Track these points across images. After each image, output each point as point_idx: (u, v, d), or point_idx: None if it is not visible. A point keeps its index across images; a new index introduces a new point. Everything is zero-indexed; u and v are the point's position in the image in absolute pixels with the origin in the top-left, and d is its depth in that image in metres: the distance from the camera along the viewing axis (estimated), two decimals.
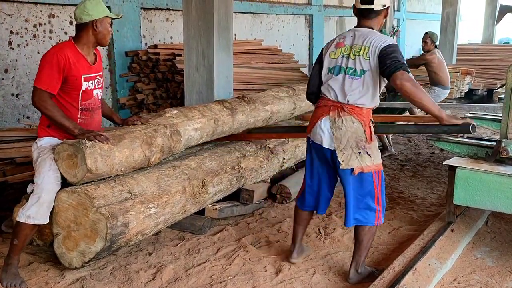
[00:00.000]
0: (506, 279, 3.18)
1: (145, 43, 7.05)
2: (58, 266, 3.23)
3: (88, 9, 3.10)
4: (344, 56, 3.02)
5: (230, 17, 4.72)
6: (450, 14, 11.37)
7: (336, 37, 3.18)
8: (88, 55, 3.19)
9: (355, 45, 3.00)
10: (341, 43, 3.07)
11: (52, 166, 3.06)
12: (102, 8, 3.15)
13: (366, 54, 2.94)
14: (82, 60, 3.14)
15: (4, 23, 5.44)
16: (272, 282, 3.17)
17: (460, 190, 3.45)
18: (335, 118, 2.97)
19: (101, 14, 3.12)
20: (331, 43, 3.16)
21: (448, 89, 6.94)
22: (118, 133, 3.23)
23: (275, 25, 9.99)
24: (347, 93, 2.96)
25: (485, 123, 4.42)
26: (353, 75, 2.96)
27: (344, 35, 3.11)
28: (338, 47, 3.07)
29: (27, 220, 3.01)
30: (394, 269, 3.09)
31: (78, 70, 3.10)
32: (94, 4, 3.12)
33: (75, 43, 3.15)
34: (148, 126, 3.41)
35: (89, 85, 3.19)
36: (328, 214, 4.28)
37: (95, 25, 3.11)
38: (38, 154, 3.11)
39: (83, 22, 3.11)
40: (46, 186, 3.04)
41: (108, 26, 3.18)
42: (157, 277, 3.20)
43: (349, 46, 3.03)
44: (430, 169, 5.74)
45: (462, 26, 14.35)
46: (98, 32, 3.14)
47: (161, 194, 3.34)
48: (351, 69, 2.98)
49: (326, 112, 3.01)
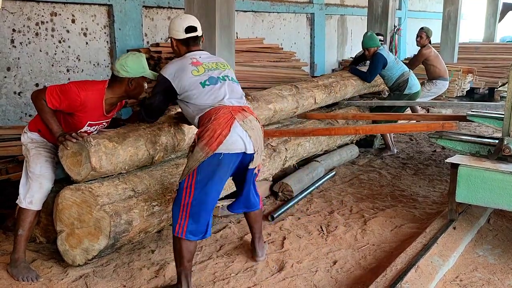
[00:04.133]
0: (508, 277, 3.19)
1: (147, 41, 7.06)
2: (61, 263, 3.24)
3: (128, 66, 3.11)
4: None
5: (232, 15, 4.73)
6: (452, 13, 11.36)
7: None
8: (110, 105, 3.20)
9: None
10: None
11: (49, 158, 3.17)
12: (142, 66, 3.15)
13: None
14: (98, 110, 3.15)
15: (6, 21, 5.44)
16: (274, 279, 3.18)
17: (462, 187, 3.46)
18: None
19: (139, 74, 3.14)
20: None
21: (448, 80, 7.06)
22: (122, 131, 3.24)
23: (276, 24, 9.99)
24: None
25: (487, 121, 4.42)
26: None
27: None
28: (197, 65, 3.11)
29: (28, 206, 3.10)
30: (396, 267, 3.10)
31: (87, 116, 3.12)
32: (136, 62, 3.12)
33: (107, 89, 3.14)
34: (152, 125, 3.42)
35: (89, 129, 3.23)
36: (330, 212, 4.29)
37: (130, 82, 3.13)
38: (33, 146, 3.17)
39: (120, 76, 3.13)
40: (46, 174, 3.15)
41: (144, 84, 3.19)
42: (160, 275, 3.21)
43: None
44: (432, 167, 5.74)
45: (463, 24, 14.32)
46: (132, 89, 3.16)
47: (165, 192, 3.35)
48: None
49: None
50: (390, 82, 6.20)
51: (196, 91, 2.99)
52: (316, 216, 4.21)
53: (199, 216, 2.88)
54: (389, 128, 5.38)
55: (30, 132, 3.22)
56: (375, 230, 3.92)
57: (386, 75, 6.20)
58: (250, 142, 2.94)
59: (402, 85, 6.10)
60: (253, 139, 2.95)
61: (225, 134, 2.83)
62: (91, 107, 3.08)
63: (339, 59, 12.24)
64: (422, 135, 7.21)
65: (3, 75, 5.47)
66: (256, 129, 3.00)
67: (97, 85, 3.15)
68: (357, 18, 12.67)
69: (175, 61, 3.14)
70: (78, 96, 3.02)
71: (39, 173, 3.13)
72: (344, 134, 5.54)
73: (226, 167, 2.91)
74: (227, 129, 2.85)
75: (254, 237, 3.44)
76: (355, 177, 5.36)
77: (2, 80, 5.48)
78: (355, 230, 3.92)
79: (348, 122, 5.77)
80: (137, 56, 3.17)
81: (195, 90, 2.99)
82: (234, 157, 2.92)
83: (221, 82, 3.06)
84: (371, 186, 5.06)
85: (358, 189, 4.95)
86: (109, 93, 3.15)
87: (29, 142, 3.21)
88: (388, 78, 6.19)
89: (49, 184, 3.17)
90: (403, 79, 6.11)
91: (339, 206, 4.47)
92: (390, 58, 6.18)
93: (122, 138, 3.16)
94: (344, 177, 5.37)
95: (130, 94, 3.20)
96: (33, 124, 3.24)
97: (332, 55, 12.02)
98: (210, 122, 2.86)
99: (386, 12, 8.64)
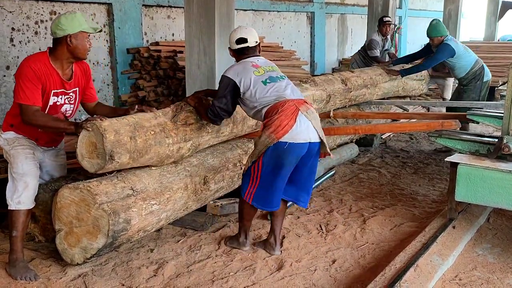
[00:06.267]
0: (507, 276, 3.18)
1: (146, 40, 7.06)
2: (60, 262, 3.24)
3: (63, 24, 3.06)
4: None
5: (232, 14, 4.72)
6: (452, 12, 11.36)
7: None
8: (62, 70, 3.16)
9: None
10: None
11: (28, 155, 3.16)
12: (78, 22, 3.09)
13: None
14: (54, 75, 3.11)
15: (5, 20, 5.44)
16: (273, 278, 3.18)
17: (461, 186, 3.45)
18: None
19: (76, 29, 3.07)
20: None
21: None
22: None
23: (276, 23, 9.99)
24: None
25: (487, 120, 4.41)
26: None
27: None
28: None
29: (17, 206, 3.09)
30: (395, 266, 3.09)
31: (49, 84, 3.09)
32: (69, 19, 3.08)
33: (50, 56, 3.12)
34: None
35: (58, 100, 3.19)
36: (330, 211, 4.29)
37: (69, 40, 3.07)
38: (10, 146, 3.16)
39: (58, 37, 3.08)
40: (29, 171, 3.14)
41: (85, 41, 3.12)
42: (159, 273, 3.21)
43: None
44: (431, 166, 5.74)
45: (464, 23, 14.32)
46: (73, 47, 3.09)
47: (163, 191, 3.35)
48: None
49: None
50: (463, 72, 5.82)
51: (259, 89, 3.34)
52: (316, 215, 4.20)
53: (264, 192, 3.30)
54: (389, 127, 5.37)
55: (3, 134, 3.20)
56: (374, 229, 3.92)
57: (457, 65, 5.81)
58: (315, 131, 3.25)
59: (480, 73, 5.78)
60: (317, 128, 3.26)
61: (291, 124, 3.15)
62: (45, 72, 3.05)
63: (339, 58, 12.24)
64: (422, 134, 7.21)
65: (2, 73, 5.47)
66: (317, 119, 3.32)
67: (37, 54, 3.18)
68: (357, 16, 12.67)
69: (236, 64, 3.51)
70: (31, 68, 3.00)
71: (22, 172, 3.12)
72: (344, 134, 5.52)
73: (291, 156, 3.20)
74: (293, 119, 3.17)
75: (275, 230, 3.53)
76: (355, 176, 5.36)
77: (1, 79, 5.48)
78: (354, 229, 3.92)
79: (348, 121, 5.77)
80: (71, 13, 3.14)
81: (258, 88, 3.34)
82: (299, 147, 3.19)
83: (280, 80, 3.42)
84: (371, 185, 5.05)
85: (358, 188, 4.94)
86: (54, 58, 3.11)
87: (6, 144, 3.19)
88: (461, 67, 5.81)
89: (34, 181, 3.16)
90: (479, 66, 5.79)
91: (339, 205, 4.46)
92: (458, 47, 5.81)
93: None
94: (344, 176, 5.36)
95: (74, 54, 3.11)
96: (4, 124, 3.23)
97: (332, 54, 12.01)
98: (277, 113, 3.20)
99: (386, 10, 8.64)
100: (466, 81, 5.88)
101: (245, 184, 3.37)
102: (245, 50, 3.50)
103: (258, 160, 3.24)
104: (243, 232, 3.54)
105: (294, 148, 3.17)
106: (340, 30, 12.24)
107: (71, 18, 3.08)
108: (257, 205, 3.37)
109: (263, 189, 3.29)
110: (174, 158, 3.48)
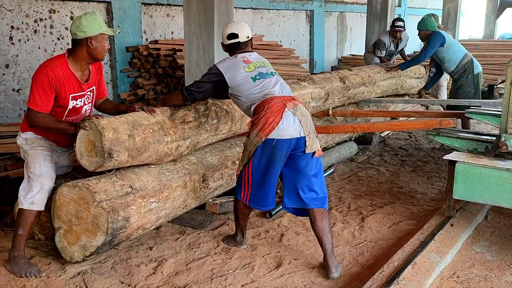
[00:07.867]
0: (505, 273, 3.19)
1: (145, 38, 7.07)
2: (59, 260, 3.25)
3: (84, 25, 3.05)
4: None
5: (231, 12, 4.72)
6: (451, 10, 11.35)
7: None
8: (80, 72, 3.16)
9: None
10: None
11: (47, 157, 3.16)
12: (98, 24, 3.09)
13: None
14: (72, 79, 3.12)
15: (5, 18, 5.44)
16: (272, 276, 3.19)
17: (459, 184, 3.46)
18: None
19: (97, 31, 3.08)
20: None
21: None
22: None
23: (275, 21, 9.99)
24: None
25: (485, 118, 4.42)
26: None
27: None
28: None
29: (30, 206, 3.09)
30: (393, 263, 3.11)
31: (66, 90, 3.10)
32: (90, 20, 3.07)
33: (69, 58, 3.12)
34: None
35: (77, 103, 3.21)
36: (328, 209, 4.28)
37: (90, 42, 3.07)
38: (30, 146, 3.17)
39: (78, 38, 3.08)
40: (46, 173, 3.14)
41: (104, 43, 3.13)
42: (158, 271, 3.22)
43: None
44: (430, 164, 5.75)
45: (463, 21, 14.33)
46: (93, 48, 3.09)
47: (162, 189, 3.36)
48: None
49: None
50: (453, 64, 5.88)
51: (248, 85, 3.35)
52: None
53: (259, 193, 3.32)
54: (387, 125, 5.38)
55: (23, 133, 3.22)
56: (372, 227, 3.93)
57: (447, 57, 5.87)
58: (302, 127, 3.21)
59: (469, 66, 5.84)
60: (303, 123, 3.22)
61: (277, 121, 3.14)
62: (63, 78, 3.05)
63: (338, 56, 12.24)
64: (420, 132, 7.22)
65: (1, 72, 5.47)
66: (306, 115, 3.29)
67: (57, 58, 3.16)
68: (356, 15, 12.67)
69: (229, 58, 3.52)
70: (47, 76, 3.00)
71: (39, 173, 3.13)
72: (342, 132, 5.53)
73: (280, 152, 3.19)
74: (279, 116, 3.16)
75: (325, 252, 3.22)
76: (354, 174, 5.37)
77: (1, 77, 5.48)
78: (353, 227, 3.93)
79: (346, 119, 5.77)
80: (91, 15, 3.12)
81: (246, 84, 3.36)
82: (287, 143, 3.18)
83: (270, 77, 3.42)
84: (370, 183, 5.06)
85: (357, 186, 4.95)
86: (73, 60, 3.12)
87: (25, 144, 3.20)
88: (450, 59, 5.88)
89: (50, 183, 3.16)
90: (468, 59, 5.84)
91: (337, 203, 4.48)
92: (448, 37, 5.87)
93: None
94: (343, 174, 5.37)
95: (93, 55, 3.12)
96: (24, 124, 3.23)
97: (331, 52, 12.01)
98: (264, 111, 3.20)
99: (386, 9, 8.64)
100: (457, 75, 5.97)
101: (239, 186, 3.39)
102: (237, 45, 3.51)
103: (249, 163, 3.26)
104: (239, 231, 3.57)
105: (282, 144, 3.16)
106: (339, 29, 12.24)
107: (92, 20, 3.08)
108: (253, 205, 3.39)
109: (257, 190, 3.32)
110: (173, 156, 3.49)
